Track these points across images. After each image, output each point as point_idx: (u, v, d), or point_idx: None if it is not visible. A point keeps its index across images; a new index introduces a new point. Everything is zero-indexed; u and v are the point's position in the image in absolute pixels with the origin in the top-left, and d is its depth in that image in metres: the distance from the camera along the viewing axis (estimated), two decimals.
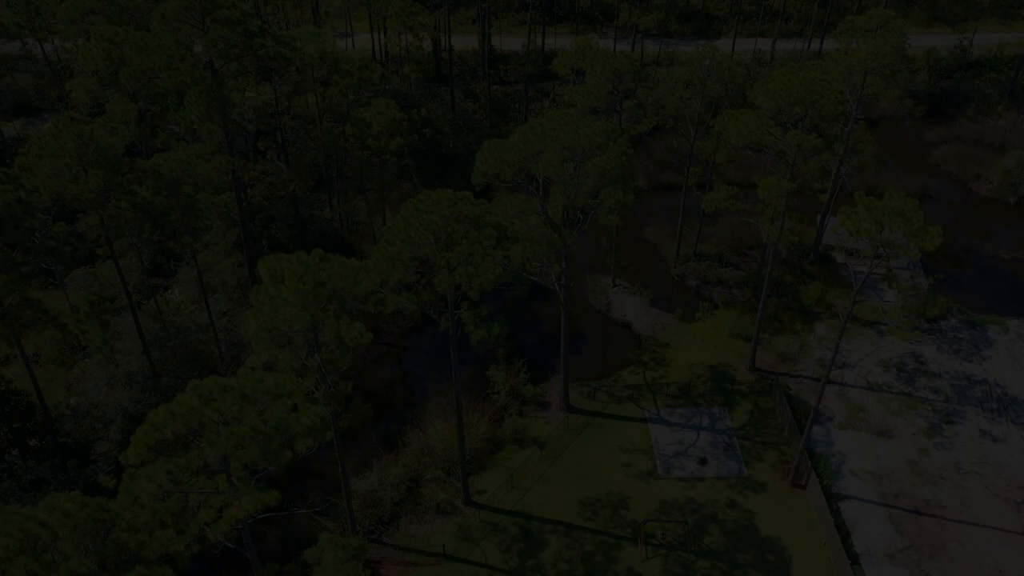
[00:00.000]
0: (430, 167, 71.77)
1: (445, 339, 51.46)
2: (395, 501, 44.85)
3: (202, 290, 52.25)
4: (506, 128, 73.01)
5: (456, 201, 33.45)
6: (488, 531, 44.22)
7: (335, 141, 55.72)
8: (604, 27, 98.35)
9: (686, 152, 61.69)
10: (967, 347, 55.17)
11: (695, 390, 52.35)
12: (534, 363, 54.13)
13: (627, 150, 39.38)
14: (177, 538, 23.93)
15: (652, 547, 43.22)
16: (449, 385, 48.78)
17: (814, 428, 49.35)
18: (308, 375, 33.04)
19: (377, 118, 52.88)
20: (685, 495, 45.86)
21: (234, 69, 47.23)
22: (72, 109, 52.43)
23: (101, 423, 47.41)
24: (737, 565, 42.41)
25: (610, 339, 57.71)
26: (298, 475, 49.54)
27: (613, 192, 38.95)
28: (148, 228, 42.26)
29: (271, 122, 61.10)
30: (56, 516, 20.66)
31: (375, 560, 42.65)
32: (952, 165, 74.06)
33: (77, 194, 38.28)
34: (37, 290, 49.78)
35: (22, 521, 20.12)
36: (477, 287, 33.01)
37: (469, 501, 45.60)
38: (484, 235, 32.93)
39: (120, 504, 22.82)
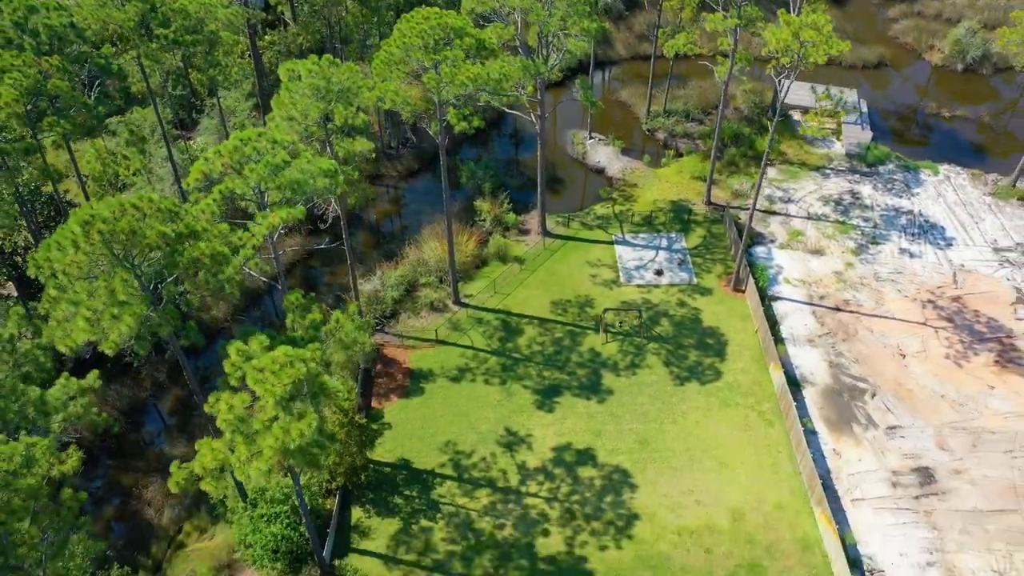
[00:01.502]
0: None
1: (438, 182, 58.67)
2: (395, 299, 52.93)
3: (226, 133, 59.22)
4: None
5: (442, 15, 40.11)
6: (474, 323, 52.40)
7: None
8: None
9: (656, 13, 67.65)
10: (899, 186, 62.36)
11: (657, 220, 59.85)
12: (516, 199, 61.50)
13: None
14: (230, 256, 31.50)
15: (611, 334, 51.44)
16: (442, 216, 56.07)
17: (756, 248, 57.04)
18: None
19: None
20: (642, 297, 53.84)
21: None
22: None
23: None
24: (682, 346, 50.67)
25: (584, 181, 64.99)
26: (312, 284, 57.64)
27: (579, 20, 45.46)
28: (178, 58, 48.84)
29: None
30: (144, 202, 28.15)
31: (379, 344, 50.94)
32: (910, 37, 79.75)
33: (120, 22, 44.84)
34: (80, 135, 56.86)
35: (119, 201, 27.59)
36: (459, 84, 39.81)
37: (458, 301, 53.65)
38: (465, 42, 39.69)
39: (185, 210, 30.31)
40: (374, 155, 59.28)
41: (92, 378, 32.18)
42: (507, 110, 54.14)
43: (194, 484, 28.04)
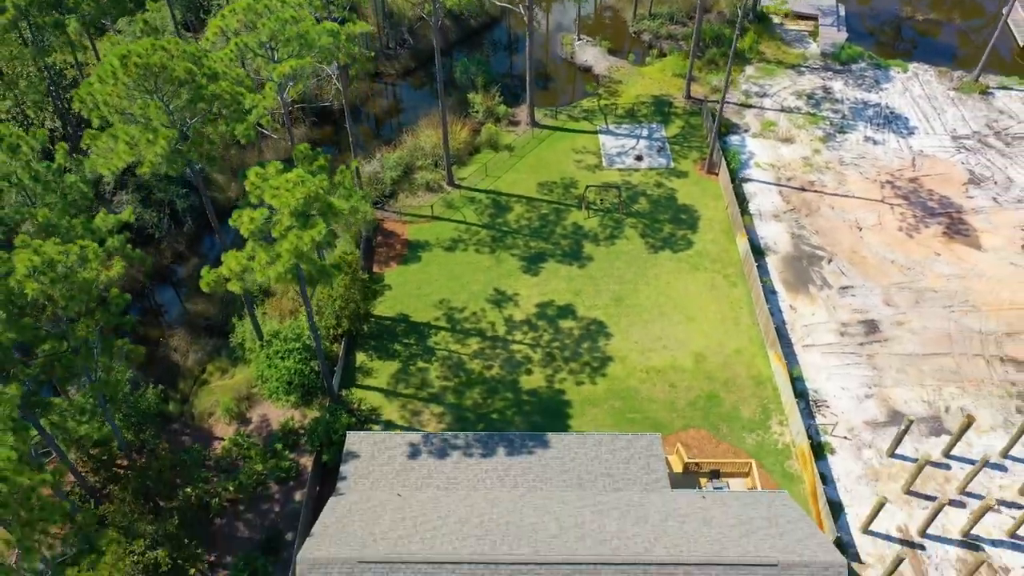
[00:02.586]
0: None
1: (434, 80, 62.15)
2: (393, 180, 57.21)
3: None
4: None
5: None
6: (467, 202, 56.80)
7: None
8: None
9: None
10: (869, 82, 65.98)
11: (639, 112, 63.70)
12: (507, 94, 65.17)
13: None
14: (246, 94, 35.65)
15: (592, 210, 55.87)
16: (437, 109, 59.81)
17: (731, 137, 61.08)
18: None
19: None
20: (623, 179, 58.09)
21: None
22: None
23: None
24: (657, 221, 55.15)
25: (573, 80, 68.64)
26: None
27: None
28: None
29: None
30: (172, 44, 32.20)
31: (379, 219, 55.42)
32: None
33: None
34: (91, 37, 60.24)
35: (150, 41, 31.64)
36: None
37: (452, 183, 57.95)
38: None
39: (206, 54, 34.39)
40: (373, 54, 63.12)
41: (127, 214, 36.66)
42: (499, 1, 57.49)
43: (222, 285, 32.66)
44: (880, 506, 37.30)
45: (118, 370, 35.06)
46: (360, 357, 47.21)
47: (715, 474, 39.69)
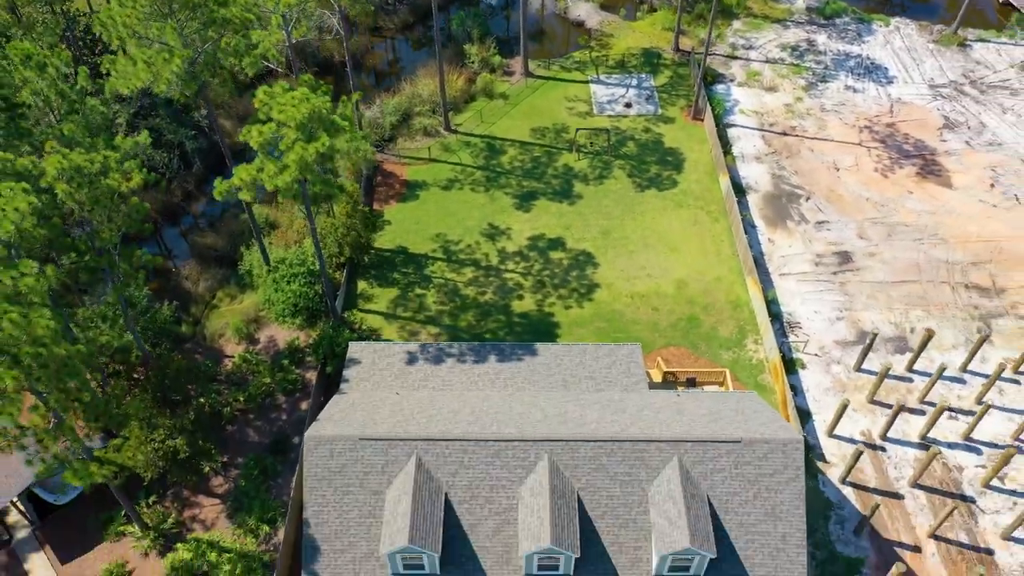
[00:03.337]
0: None
1: (432, 36, 64.67)
2: (392, 125, 59.80)
3: None
4: None
5: None
6: (463, 145, 59.43)
7: None
8: None
9: None
10: (852, 35, 68.33)
11: (629, 64, 66.17)
12: (502, 48, 67.65)
13: None
14: (255, 21, 38.22)
15: (582, 152, 58.49)
16: (434, 61, 62.22)
17: (717, 86, 63.55)
18: None
19: None
20: (612, 124, 60.66)
21: None
22: None
23: None
24: (644, 163, 57.78)
25: (566, 33, 71.02)
26: None
27: None
28: None
29: None
30: None
31: (379, 161, 58.09)
32: None
33: None
34: None
35: None
36: None
37: (449, 128, 60.53)
38: None
39: None
40: (372, 8, 65.46)
41: (143, 136, 39.28)
42: None
43: (233, 195, 35.41)
44: (843, 408, 40.23)
45: (137, 277, 37.73)
46: (361, 284, 50.05)
47: (691, 382, 42.60)
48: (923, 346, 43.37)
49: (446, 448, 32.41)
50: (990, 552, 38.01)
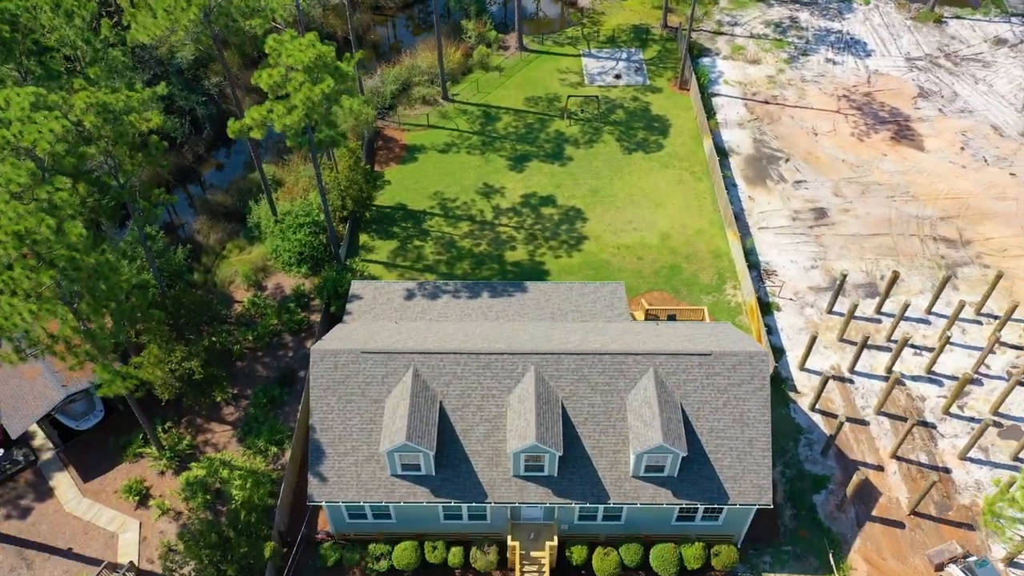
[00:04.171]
0: None
1: (430, 15, 67.80)
2: (393, 93, 62.81)
3: None
4: None
5: None
6: (460, 113, 62.42)
7: None
8: None
9: None
10: (833, 12, 71.35)
11: (619, 39, 69.20)
12: (497, 25, 70.72)
13: None
14: None
15: (573, 119, 61.45)
16: (433, 36, 65.24)
17: (702, 59, 66.57)
18: None
19: None
20: (603, 94, 63.63)
21: None
22: None
23: None
24: (632, 128, 60.74)
25: (560, 11, 74.10)
26: None
27: None
28: None
29: None
30: None
31: (379, 127, 61.06)
32: None
33: None
34: None
35: None
36: None
37: (447, 97, 63.52)
38: None
39: None
40: None
41: (162, 88, 42.27)
42: None
43: (245, 133, 38.34)
44: (813, 341, 43.07)
45: (155, 213, 40.54)
46: (363, 237, 52.95)
47: (671, 317, 45.45)
48: (890, 286, 46.19)
49: (441, 361, 35.25)
50: (947, 471, 40.78)
